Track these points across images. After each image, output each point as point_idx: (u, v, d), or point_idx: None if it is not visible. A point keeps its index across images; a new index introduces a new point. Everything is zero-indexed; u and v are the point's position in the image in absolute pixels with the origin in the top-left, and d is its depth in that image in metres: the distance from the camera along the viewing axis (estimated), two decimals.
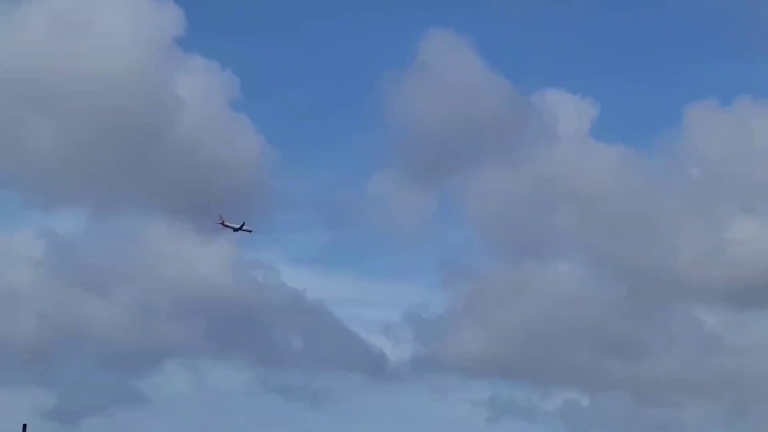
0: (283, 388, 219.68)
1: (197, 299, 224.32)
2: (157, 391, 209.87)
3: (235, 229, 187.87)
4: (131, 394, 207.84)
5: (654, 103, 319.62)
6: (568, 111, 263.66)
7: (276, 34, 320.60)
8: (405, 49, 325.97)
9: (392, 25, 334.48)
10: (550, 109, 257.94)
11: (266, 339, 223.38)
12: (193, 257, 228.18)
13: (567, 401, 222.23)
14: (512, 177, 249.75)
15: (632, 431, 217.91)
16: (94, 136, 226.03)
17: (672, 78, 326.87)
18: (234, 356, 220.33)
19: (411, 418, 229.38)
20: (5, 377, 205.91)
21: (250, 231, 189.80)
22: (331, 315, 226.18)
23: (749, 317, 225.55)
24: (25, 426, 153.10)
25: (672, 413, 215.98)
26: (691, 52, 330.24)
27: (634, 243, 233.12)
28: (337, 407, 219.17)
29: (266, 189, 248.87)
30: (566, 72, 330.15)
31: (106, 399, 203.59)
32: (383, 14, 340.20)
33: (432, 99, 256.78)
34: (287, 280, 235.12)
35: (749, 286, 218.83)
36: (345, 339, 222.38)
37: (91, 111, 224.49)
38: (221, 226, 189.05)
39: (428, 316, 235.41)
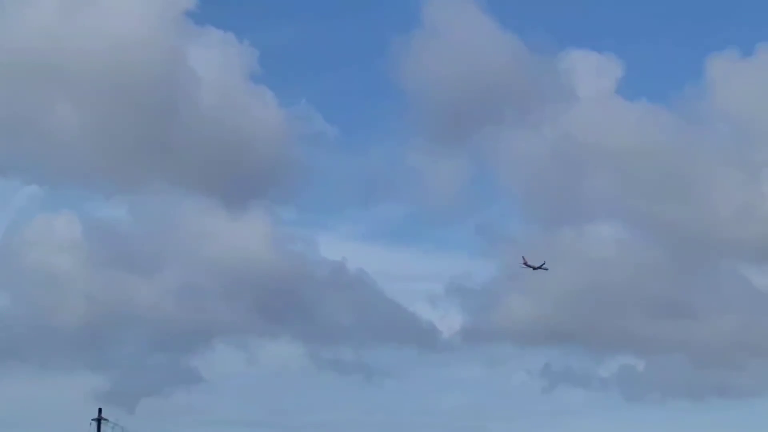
0: (336, 363, 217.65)
1: (238, 275, 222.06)
2: (211, 370, 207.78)
3: (535, 268, 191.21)
4: (186, 373, 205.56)
5: (678, 57, 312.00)
6: (591, 70, 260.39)
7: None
8: (410, 14, 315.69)
9: None
10: (574, 69, 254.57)
11: (312, 314, 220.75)
12: (229, 234, 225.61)
13: (623, 366, 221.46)
14: (542, 141, 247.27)
15: (691, 394, 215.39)
16: (114, 118, 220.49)
17: (693, 30, 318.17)
18: (282, 332, 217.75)
19: (467, 390, 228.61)
20: (58, 362, 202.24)
21: (547, 269, 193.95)
22: (374, 288, 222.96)
23: None
24: (100, 410, 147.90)
25: (730, 374, 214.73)
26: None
27: (670, 202, 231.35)
28: (392, 381, 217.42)
29: (292, 163, 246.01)
30: (583, 31, 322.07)
31: (161, 380, 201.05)
32: None
33: (445, 65, 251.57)
34: (326, 254, 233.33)
35: None
36: (392, 312, 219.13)
37: (107, 92, 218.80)
38: (523, 265, 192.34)
39: (472, 286, 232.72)
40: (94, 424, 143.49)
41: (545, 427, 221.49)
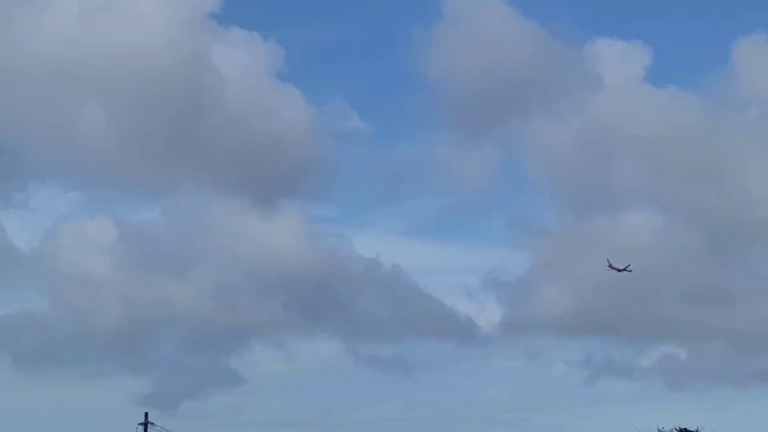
0: (375, 360, 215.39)
1: (274, 274, 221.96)
2: (251, 370, 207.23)
3: (620, 270, 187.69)
4: (226, 374, 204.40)
5: (705, 42, 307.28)
6: (618, 58, 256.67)
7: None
8: (431, 5, 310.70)
9: None
10: (600, 57, 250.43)
11: (349, 311, 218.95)
12: (264, 233, 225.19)
13: (664, 355, 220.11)
14: (571, 130, 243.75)
15: (734, 382, 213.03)
16: (144, 122, 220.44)
17: (720, 14, 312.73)
18: (320, 330, 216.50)
19: (508, 382, 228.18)
20: (98, 366, 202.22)
21: (630, 271, 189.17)
22: (410, 284, 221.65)
23: None
24: (147, 414, 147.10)
25: None
26: None
27: (704, 187, 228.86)
28: (432, 376, 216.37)
29: (323, 160, 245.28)
30: (609, 19, 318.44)
31: (202, 381, 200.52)
32: None
33: (470, 56, 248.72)
34: (361, 251, 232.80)
35: None
36: (430, 306, 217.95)
37: (136, 97, 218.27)
38: (608, 267, 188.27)
39: (508, 279, 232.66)
40: (141, 428, 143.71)
41: (588, 418, 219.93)
